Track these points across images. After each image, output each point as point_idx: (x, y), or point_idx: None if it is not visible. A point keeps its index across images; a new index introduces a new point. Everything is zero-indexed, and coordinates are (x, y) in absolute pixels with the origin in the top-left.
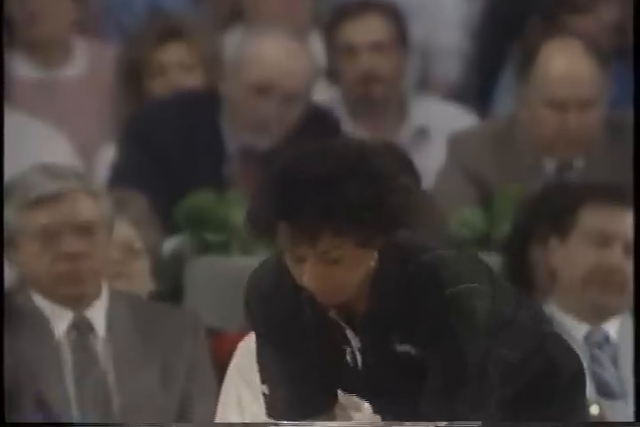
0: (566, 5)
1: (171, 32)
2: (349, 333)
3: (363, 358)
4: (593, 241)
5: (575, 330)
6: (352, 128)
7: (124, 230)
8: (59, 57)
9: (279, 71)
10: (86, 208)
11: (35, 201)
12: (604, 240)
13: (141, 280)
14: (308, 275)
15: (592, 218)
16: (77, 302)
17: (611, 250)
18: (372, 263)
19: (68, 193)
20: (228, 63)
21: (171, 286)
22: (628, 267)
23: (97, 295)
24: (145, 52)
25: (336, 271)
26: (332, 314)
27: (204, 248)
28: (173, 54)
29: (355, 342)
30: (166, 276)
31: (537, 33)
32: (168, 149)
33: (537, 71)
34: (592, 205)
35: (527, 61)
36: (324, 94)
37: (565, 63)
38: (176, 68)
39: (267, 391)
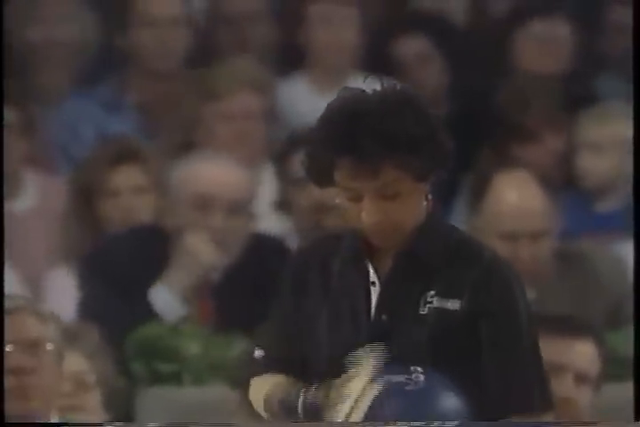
0: (514, 134)
1: (124, 155)
2: (376, 291)
3: (381, 315)
4: None
5: None
6: None
7: (77, 363)
8: (9, 190)
9: (217, 184)
10: (34, 326)
11: None
12: (553, 371)
13: (93, 412)
14: (367, 211)
15: (542, 349)
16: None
17: (562, 381)
18: (425, 203)
19: (15, 311)
20: (171, 188)
21: (123, 417)
22: (581, 397)
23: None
24: (97, 175)
25: (394, 207)
26: (367, 263)
27: (156, 379)
28: (126, 177)
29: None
30: (118, 406)
31: (488, 165)
32: (124, 282)
33: (489, 203)
34: (542, 337)
35: (479, 194)
36: (276, 225)
37: (516, 196)
38: (129, 191)
39: (261, 354)
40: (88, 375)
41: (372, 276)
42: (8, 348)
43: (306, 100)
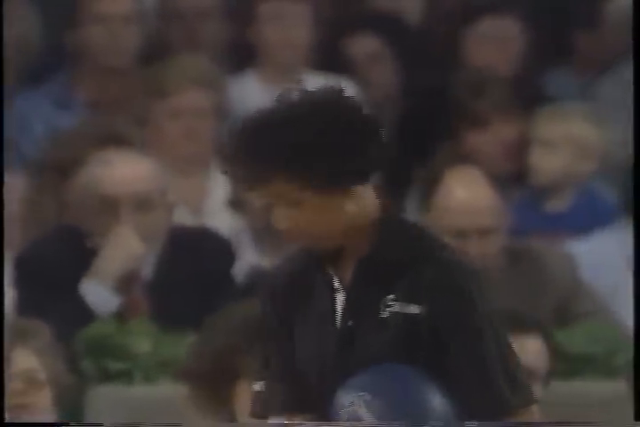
0: (465, 122)
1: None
2: (340, 298)
3: (347, 321)
4: None
5: None
6: (258, 256)
7: (27, 361)
8: None
9: (121, 182)
10: None
11: None
12: None
13: (44, 410)
14: (275, 218)
15: None
16: None
17: None
18: (353, 208)
19: None
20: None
21: (72, 415)
22: None
23: None
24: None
25: (302, 215)
26: (331, 270)
27: (106, 377)
28: None
29: (339, 306)
30: (68, 404)
31: (440, 160)
32: (55, 280)
33: (438, 200)
34: None
35: (429, 190)
36: (228, 224)
37: (466, 192)
38: None
39: (262, 388)
40: (38, 373)
41: (336, 283)
42: None
43: (257, 98)
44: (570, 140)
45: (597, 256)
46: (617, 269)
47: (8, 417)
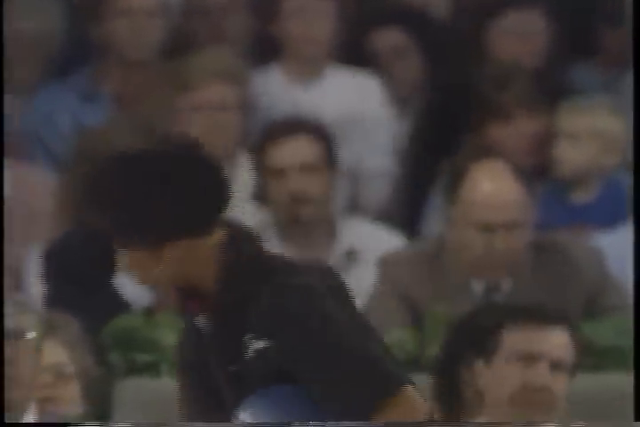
0: (490, 115)
1: None
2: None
3: (227, 366)
4: (518, 362)
5: None
6: (281, 249)
7: (56, 354)
8: None
9: None
10: (13, 316)
11: None
12: (529, 360)
13: (73, 403)
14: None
15: (516, 339)
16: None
17: (536, 369)
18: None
19: None
20: None
21: (100, 408)
22: (556, 385)
23: (24, 410)
24: None
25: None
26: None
27: (134, 369)
28: None
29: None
30: (96, 397)
31: (465, 154)
32: (89, 272)
33: (464, 193)
34: (516, 326)
35: (455, 183)
36: (252, 217)
37: (492, 186)
38: None
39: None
40: (67, 366)
41: (202, 326)
42: None
43: (281, 92)
44: (594, 133)
45: (622, 249)
46: (632, 264)
47: (37, 410)
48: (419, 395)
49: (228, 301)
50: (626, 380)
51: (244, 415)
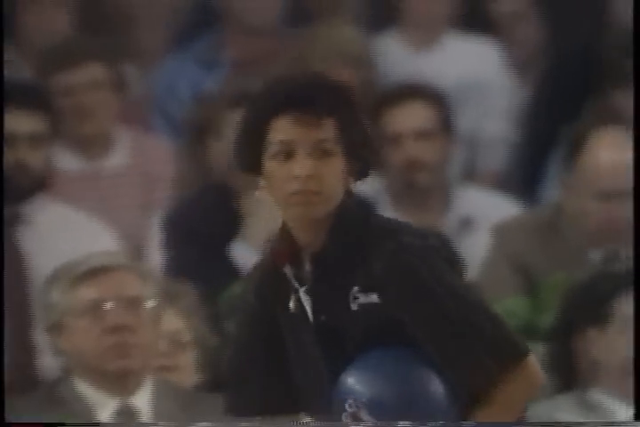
0: (616, 83)
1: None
2: (302, 293)
3: (319, 316)
4: (631, 330)
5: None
6: (395, 216)
7: (174, 322)
8: (101, 148)
9: None
10: (133, 284)
11: (84, 275)
12: None
13: (188, 372)
14: (299, 165)
15: (629, 307)
16: (123, 385)
17: None
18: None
19: (116, 268)
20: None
21: (215, 377)
22: None
23: (142, 378)
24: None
25: (323, 169)
26: (287, 270)
27: None
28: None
29: (307, 303)
30: (212, 366)
31: (586, 121)
32: (205, 240)
33: (584, 161)
34: (629, 294)
35: (575, 151)
36: (367, 186)
37: (613, 154)
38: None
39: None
40: (185, 335)
41: (293, 281)
42: (108, 305)
43: (400, 58)
44: None
45: None
46: None
47: (153, 377)
48: (539, 366)
49: (337, 254)
50: None
51: (351, 380)
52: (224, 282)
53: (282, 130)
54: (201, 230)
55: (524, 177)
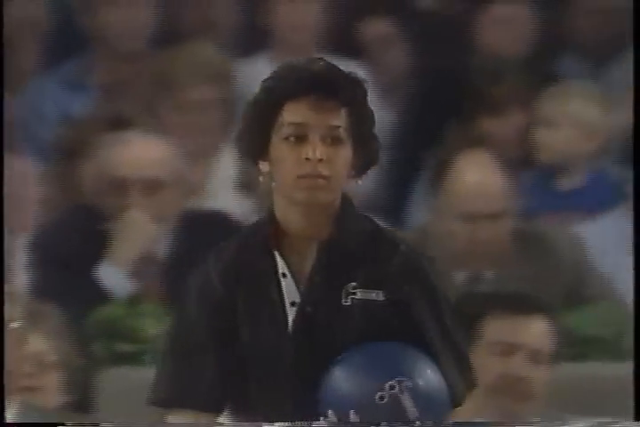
0: (482, 109)
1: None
2: (288, 283)
3: (305, 307)
4: (497, 351)
5: None
6: None
7: (38, 343)
8: None
9: (132, 165)
10: None
11: None
12: (508, 350)
13: (53, 393)
14: (313, 147)
15: (496, 329)
16: None
17: (516, 359)
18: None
19: None
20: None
21: (82, 398)
22: (535, 374)
23: (6, 399)
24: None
25: (333, 156)
26: (276, 255)
27: (117, 359)
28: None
29: (292, 295)
30: (78, 388)
31: (451, 144)
32: (71, 262)
33: (449, 184)
34: (495, 316)
35: (440, 174)
36: (236, 205)
37: (477, 176)
38: None
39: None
40: (49, 356)
41: (282, 267)
42: None
43: None
44: (574, 119)
45: (600, 238)
46: (616, 253)
47: (17, 399)
48: None
49: (347, 247)
50: (608, 368)
51: (339, 372)
52: (91, 304)
53: (297, 113)
54: (67, 252)
55: (391, 200)
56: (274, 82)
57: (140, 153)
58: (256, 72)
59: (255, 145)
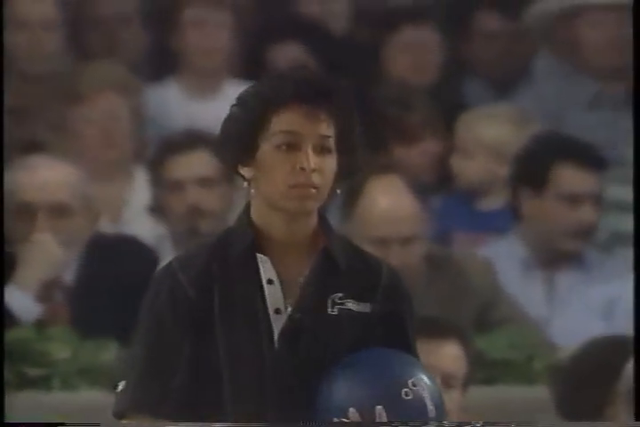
0: (390, 131)
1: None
2: (274, 290)
3: (296, 313)
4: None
5: None
6: None
7: None
8: None
9: (42, 188)
10: None
11: None
12: None
13: None
14: (307, 156)
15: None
16: None
17: None
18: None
19: None
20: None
21: None
22: (449, 398)
23: None
24: None
25: (323, 165)
26: (261, 261)
27: (25, 383)
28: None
29: (276, 302)
30: None
31: (362, 170)
32: None
33: (360, 209)
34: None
35: (351, 199)
36: (149, 230)
37: (387, 201)
38: None
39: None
40: None
41: (269, 273)
42: None
43: (177, 105)
44: (483, 145)
45: (496, 260)
46: (508, 275)
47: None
48: None
49: (339, 257)
50: (517, 391)
51: (341, 375)
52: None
53: (288, 121)
54: None
55: None
56: (263, 88)
57: (47, 177)
58: (166, 96)
59: (239, 150)
